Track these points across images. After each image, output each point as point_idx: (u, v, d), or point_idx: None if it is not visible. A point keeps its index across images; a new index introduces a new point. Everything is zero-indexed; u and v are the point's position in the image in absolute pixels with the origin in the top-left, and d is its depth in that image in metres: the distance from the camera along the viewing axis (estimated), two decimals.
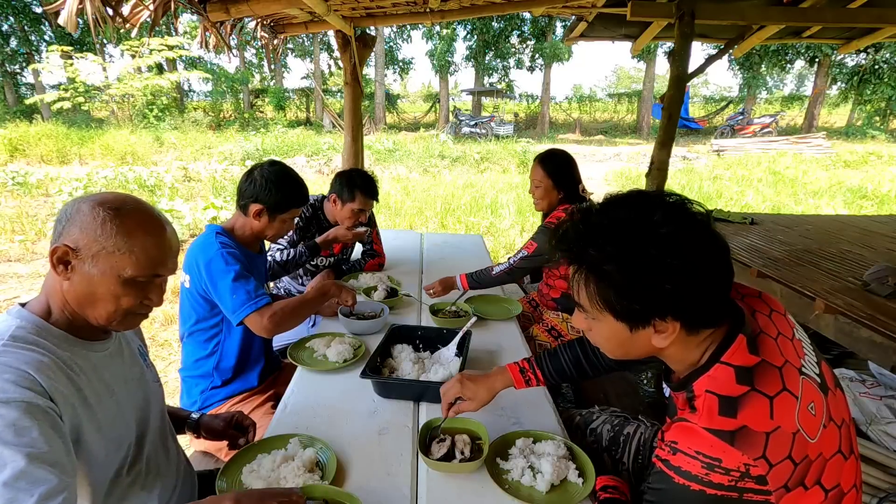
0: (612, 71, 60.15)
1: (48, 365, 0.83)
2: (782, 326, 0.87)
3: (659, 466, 0.80)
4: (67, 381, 0.86)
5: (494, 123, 18.54)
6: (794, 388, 0.77)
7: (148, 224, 0.93)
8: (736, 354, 0.80)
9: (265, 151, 11.92)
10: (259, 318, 1.48)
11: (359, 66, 3.87)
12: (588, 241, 0.81)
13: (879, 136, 18.11)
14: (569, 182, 2.16)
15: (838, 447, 0.80)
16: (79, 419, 0.87)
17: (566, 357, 1.29)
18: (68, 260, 0.88)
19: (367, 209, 2.32)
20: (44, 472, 0.74)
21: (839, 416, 0.83)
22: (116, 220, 0.89)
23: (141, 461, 1.06)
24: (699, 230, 0.78)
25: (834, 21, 3.70)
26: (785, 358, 0.81)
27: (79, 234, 0.88)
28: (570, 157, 2.21)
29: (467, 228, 6.39)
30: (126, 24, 2.20)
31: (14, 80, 20.72)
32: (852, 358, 2.50)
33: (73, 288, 0.90)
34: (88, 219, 0.88)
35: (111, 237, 0.88)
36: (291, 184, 1.69)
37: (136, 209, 0.93)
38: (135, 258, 0.90)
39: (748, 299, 0.92)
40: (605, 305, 0.82)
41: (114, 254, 0.89)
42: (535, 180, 2.18)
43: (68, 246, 0.88)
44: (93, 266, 0.89)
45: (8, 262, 4.94)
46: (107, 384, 0.97)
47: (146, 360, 1.16)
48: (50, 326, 0.90)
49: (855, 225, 4.09)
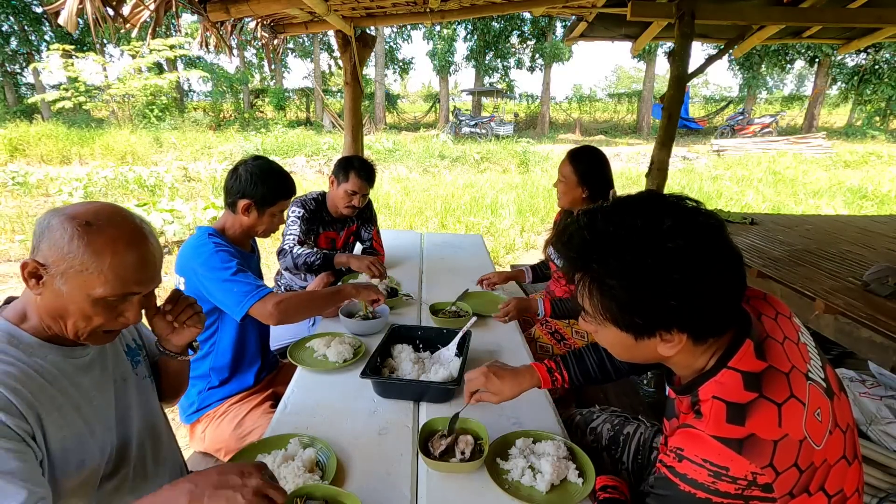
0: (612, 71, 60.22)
1: (14, 375, 0.82)
2: (788, 330, 0.86)
3: (663, 472, 0.78)
4: (38, 390, 0.85)
5: (494, 123, 18.53)
6: (802, 395, 0.76)
7: (119, 241, 0.87)
8: (744, 360, 0.79)
9: (265, 151, 11.92)
10: (264, 305, 1.49)
11: (359, 66, 3.87)
12: (592, 251, 0.78)
13: (879, 136, 18.10)
14: (596, 180, 2.04)
15: (843, 452, 0.79)
16: (52, 426, 0.86)
17: (591, 359, 1.29)
18: (39, 275, 0.86)
19: (360, 192, 2.36)
20: (14, 487, 0.72)
21: (844, 422, 0.82)
22: (86, 236, 0.84)
23: (127, 466, 1.04)
24: (710, 242, 0.75)
25: (834, 21, 3.70)
26: (792, 363, 0.80)
27: (48, 250, 0.85)
28: (603, 156, 2.10)
29: (467, 228, 6.39)
30: (126, 25, 2.20)
31: (14, 80, 20.72)
32: (852, 358, 2.50)
33: (45, 303, 0.88)
34: (57, 235, 0.84)
35: (78, 256, 0.84)
36: (276, 176, 1.69)
37: (110, 223, 0.87)
38: (104, 278, 0.85)
39: (754, 302, 0.91)
40: (609, 317, 0.81)
41: (82, 273, 0.85)
42: (561, 175, 2.09)
43: (37, 262, 0.85)
44: (62, 283, 0.85)
45: (8, 262, 4.94)
46: (84, 391, 0.95)
47: (137, 358, 1.14)
48: (23, 333, 0.89)
49: (855, 225, 4.09)
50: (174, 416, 2.01)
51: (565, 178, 2.06)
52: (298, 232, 2.29)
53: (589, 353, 1.30)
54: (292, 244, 2.26)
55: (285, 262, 2.25)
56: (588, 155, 2.07)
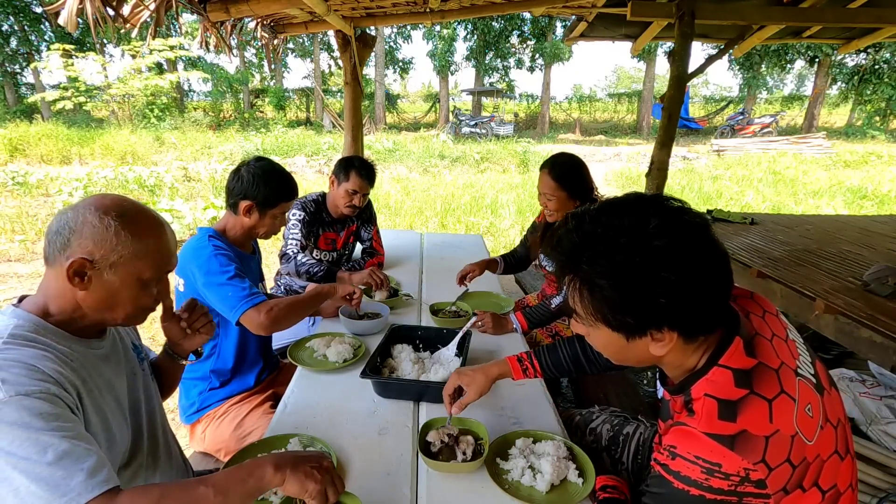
0: (612, 71, 60.19)
1: (51, 359, 0.85)
2: (776, 327, 0.87)
3: (657, 471, 0.79)
4: (72, 373, 0.88)
5: (494, 123, 18.53)
6: (792, 391, 0.77)
7: (153, 226, 0.97)
8: (734, 357, 0.79)
9: (265, 151, 11.93)
10: (256, 314, 1.48)
11: (359, 66, 3.88)
12: (580, 253, 0.79)
13: (879, 136, 18.10)
14: (584, 189, 2.00)
15: (835, 447, 0.80)
16: (86, 408, 0.89)
17: (565, 353, 1.33)
18: (84, 272, 0.90)
19: (361, 191, 2.36)
20: (83, 450, 0.76)
21: (835, 416, 0.82)
22: (128, 227, 0.92)
23: (141, 455, 1.07)
24: (696, 240, 0.76)
25: (834, 21, 3.70)
26: (781, 360, 0.81)
27: (93, 245, 0.89)
28: (581, 162, 2.05)
29: (467, 228, 6.39)
30: (126, 25, 2.20)
31: (14, 80, 20.71)
32: (852, 358, 2.50)
33: (93, 297, 0.92)
34: (99, 230, 0.90)
35: (128, 245, 0.91)
36: (279, 178, 1.69)
37: (136, 211, 0.95)
38: (150, 261, 0.95)
39: (741, 300, 0.91)
40: (600, 317, 0.81)
41: (132, 260, 0.92)
42: (546, 193, 2.00)
43: (85, 258, 0.89)
44: (112, 274, 0.92)
45: (8, 261, 4.94)
46: (106, 380, 0.98)
47: (141, 355, 1.17)
48: (47, 324, 0.91)
49: (855, 225, 4.09)
50: (174, 417, 2.01)
51: (555, 196, 1.99)
52: (300, 236, 2.29)
53: (563, 346, 1.34)
54: (295, 250, 2.26)
55: (287, 267, 2.25)
56: (570, 167, 2.01)
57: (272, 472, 0.85)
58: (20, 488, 0.70)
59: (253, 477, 0.84)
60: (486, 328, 1.86)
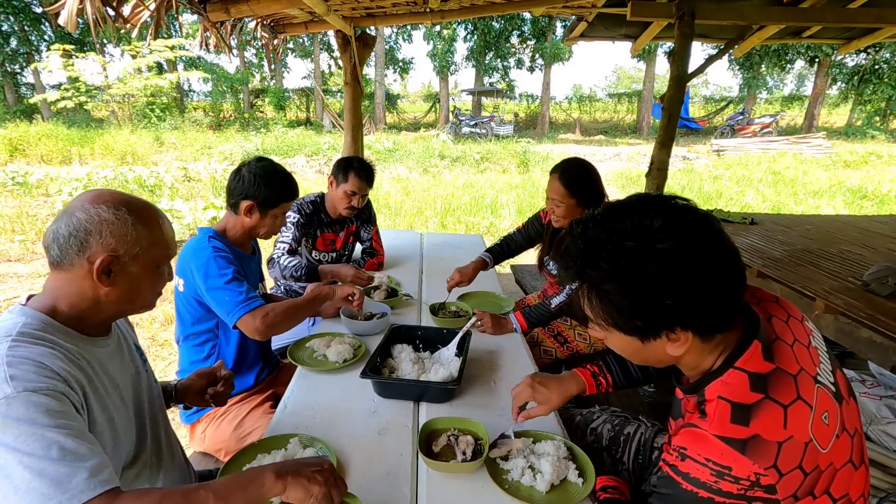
0: (612, 71, 60.15)
1: (59, 356, 0.85)
2: (799, 333, 0.86)
3: (666, 471, 0.79)
4: (79, 371, 0.88)
5: (494, 123, 18.53)
6: (809, 397, 0.76)
7: (157, 213, 1.01)
8: (751, 360, 0.79)
9: (265, 151, 11.93)
10: (252, 319, 1.47)
11: (359, 66, 3.87)
12: (586, 258, 0.79)
13: (879, 136, 18.10)
14: (594, 198, 1.95)
15: (849, 457, 0.79)
16: (91, 406, 0.89)
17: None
18: (110, 269, 0.92)
19: (359, 192, 2.36)
20: (87, 449, 0.77)
21: (852, 426, 0.82)
22: (140, 218, 0.95)
23: (145, 454, 1.08)
24: (701, 238, 0.75)
25: (834, 21, 3.70)
26: (800, 365, 0.80)
27: (115, 241, 0.92)
28: (593, 169, 2.00)
29: (467, 228, 6.39)
30: (126, 25, 2.20)
31: (14, 80, 20.72)
32: (852, 358, 2.49)
33: (116, 291, 0.95)
34: (118, 225, 0.92)
35: (145, 235, 0.95)
36: (280, 178, 1.69)
37: (140, 202, 0.99)
38: (162, 248, 1.00)
39: (765, 304, 0.91)
40: (611, 322, 0.81)
41: (149, 249, 0.97)
42: (555, 199, 1.95)
43: (111, 255, 0.92)
44: (134, 266, 0.95)
45: (8, 261, 4.94)
46: (112, 377, 0.99)
47: (142, 356, 1.17)
48: (55, 323, 0.91)
49: (855, 225, 4.08)
50: (174, 417, 2.01)
51: (564, 203, 1.94)
52: (290, 239, 2.27)
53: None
54: (281, 253, 2.24)
55: (274, 272, 2.24)
56: (582, 174, 1.96)
57: (273, 480, 0.85)
58: (20, 484, 0.71)
59: (254, 483, 0.84)
60: (485, 328, 1.85)
